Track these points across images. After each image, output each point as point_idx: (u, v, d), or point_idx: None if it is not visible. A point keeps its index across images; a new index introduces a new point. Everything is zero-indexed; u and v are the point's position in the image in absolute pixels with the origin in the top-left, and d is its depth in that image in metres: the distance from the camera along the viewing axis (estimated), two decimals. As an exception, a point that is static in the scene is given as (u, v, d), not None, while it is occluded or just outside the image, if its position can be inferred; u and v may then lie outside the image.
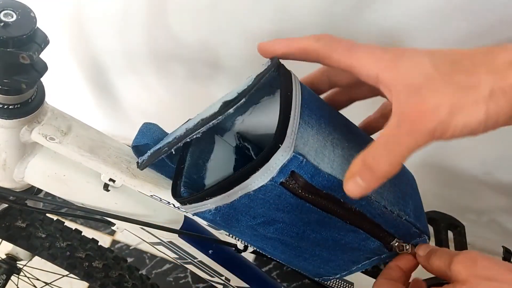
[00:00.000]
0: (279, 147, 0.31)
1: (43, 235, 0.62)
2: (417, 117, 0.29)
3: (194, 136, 0.33)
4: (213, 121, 0.32)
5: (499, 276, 0.31)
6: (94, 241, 0.67)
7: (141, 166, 0.38)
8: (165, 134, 0.45)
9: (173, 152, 0.37)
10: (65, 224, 0.66)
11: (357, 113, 0.45)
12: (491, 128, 0.29)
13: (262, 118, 0.41)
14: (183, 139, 0.34)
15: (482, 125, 0.29)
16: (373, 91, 0.39)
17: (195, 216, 0.41)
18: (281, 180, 0.32)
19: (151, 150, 0.38)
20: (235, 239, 0.48)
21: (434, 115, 0.28)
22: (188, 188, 0.39)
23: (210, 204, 0.35)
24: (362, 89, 0.40)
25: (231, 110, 0.31)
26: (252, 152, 0.45)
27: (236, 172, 0.32)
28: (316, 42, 0.34)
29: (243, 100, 0.31)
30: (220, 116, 0.32)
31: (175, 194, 0.39)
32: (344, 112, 0.42)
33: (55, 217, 0.65)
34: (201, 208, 0.36)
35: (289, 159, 0.31)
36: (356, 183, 0.31)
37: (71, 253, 0.63)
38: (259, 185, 0.32)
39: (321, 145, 0.34)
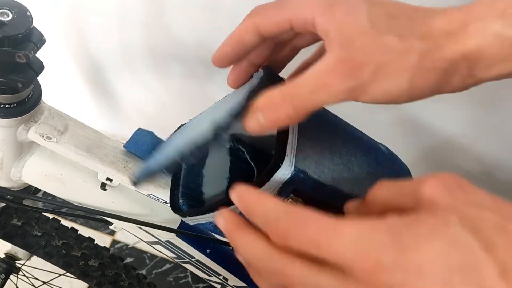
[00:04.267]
0: (280, 166, 0.30)
1: (39, 234, 0.62)
2: (340, 73, 0.27)
3: (186, 158, 0.33)
4: (205, 144, 0.31)
5: (491, 205, 0.22)
6: (90, 239, 0.67)
7: (137, 186, 0.39)
8: (157, 142, 0.46)
9: (165, 172, 0.37)
10: (61, 222, 0.66)
11: (354, 113, 0.45)
12: (415, 99, 0.28)
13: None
14: (174, 160, 0.34)
15: (405, 95, 0.28)
16: (314, 38, 0.36)
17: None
18: (282, 199, 0.31)
19: (144, 171, 0.38)
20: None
21: (357, 74, 0.27)
22: (186, 198, 0.39)
23: (211, 217, 0.35)
24: (301, 37, 0.36)
25: (224, 136, 0.31)
26: (248, 156, 0.45)
27: None
28: (250, 19, 0.33)
29: (237, 121, 0.31)
30: (214, 141, 0.31)
31: (174, 207, 0.39)
32: (341, 113, 0.42)
33: (51, 216, 0.65)
34: (201, 221, 0.36)
35: (290, 177, 0.30)
36: (258, 122, 0.29)
37: (66, 251, 0.63)
38: None
39: (320, 155, 0.33)
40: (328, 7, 0.28)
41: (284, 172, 0.30)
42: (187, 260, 0.59)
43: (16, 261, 0.76)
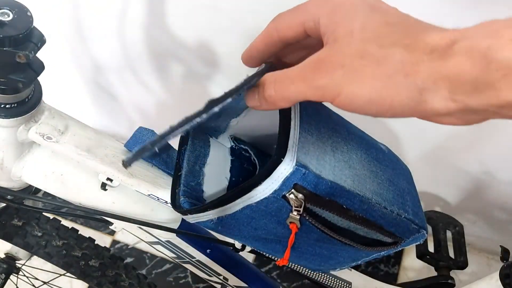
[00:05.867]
0: (281, 160, 0.31)
1: (39, 234, 0.62)
2: (316, 70, 0.28)
3: (178, 134, 0.31)
4: (197, 119, 0.29)
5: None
6: (91, 240, 0.67)
7: (126, 165, 0.38)
8: None
9: (157, 151, 0.36)
10: (61, 222, 0.66)
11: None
12: (387, 113, 0.27)
13: (257, 121, 0.41)
14: (166, 136, 0.31)
15: (374, 105, 0.27)
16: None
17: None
18: (283, 193, 0.32)
19: (135, 149, 0.37)
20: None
21: (331, 74, 0.27)
22: (187, 196, 0.39)
23: (212, 215, 0.35)
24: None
25: (216, 109, 0.29)
26: (251, 152, 0.45)
27: (238, 186, 0.32)
28: (272, 24, 0.34)
29: (229, 99, 0.29)
30: (205, 115, 0.29)
31: (175, 204, 0.39)
32: (343, 112, 0.42)
33: (51, 216, 0.65)
34: (202, 218, 0.36)
35: (291, 172, 0.31)
36: (254, 98, 0.31)
37: (67, 251, 0.63)
38: (262, 198, 0.32)
39: (322, 152, 0.34)
40: (332, 9, 0.30)
41: (286, 166, 0.31)
42: (187, 260, 0.59)
43: (16, 261, 0.76)
